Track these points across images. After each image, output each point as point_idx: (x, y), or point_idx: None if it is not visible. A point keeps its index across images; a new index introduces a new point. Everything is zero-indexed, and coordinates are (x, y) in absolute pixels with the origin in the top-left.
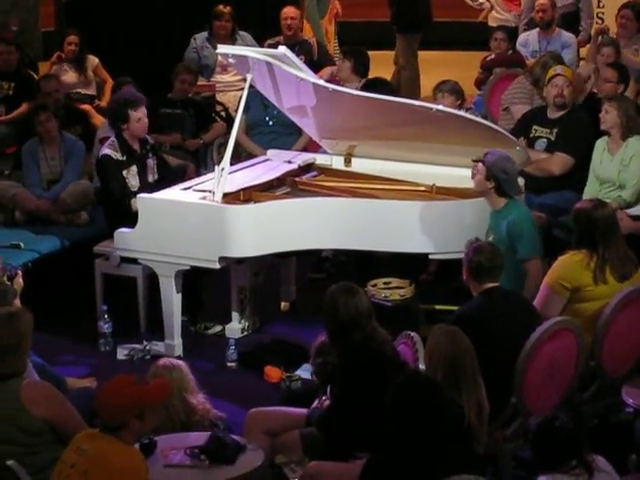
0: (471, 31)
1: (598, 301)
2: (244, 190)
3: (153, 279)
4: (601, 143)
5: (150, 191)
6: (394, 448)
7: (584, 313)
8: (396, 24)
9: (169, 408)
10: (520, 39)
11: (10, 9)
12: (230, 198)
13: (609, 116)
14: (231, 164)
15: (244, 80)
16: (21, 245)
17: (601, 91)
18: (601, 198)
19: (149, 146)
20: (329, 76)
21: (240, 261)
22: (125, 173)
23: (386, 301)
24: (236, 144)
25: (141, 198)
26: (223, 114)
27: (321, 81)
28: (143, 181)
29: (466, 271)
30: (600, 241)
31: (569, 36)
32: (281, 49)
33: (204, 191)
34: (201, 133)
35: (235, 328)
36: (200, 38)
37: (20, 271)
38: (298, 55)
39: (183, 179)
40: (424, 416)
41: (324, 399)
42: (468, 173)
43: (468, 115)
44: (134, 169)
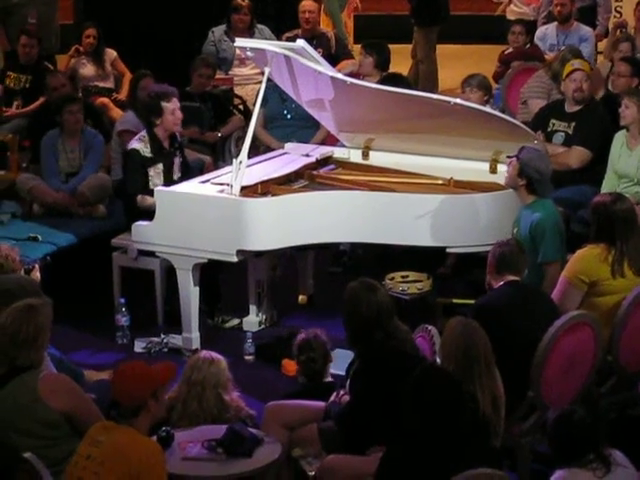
0: (489, 24)
1: (616, 295)
2: (262, 183)
3: (171, 272)
4: (620, 137)
5: None
6: (411, 442)
7: (602, 307)
8: (415, 17)
9: (202, 402)
10: (538, 33)
11: (28, 2)
12: (248, 191)
13: (629, 111)
14: (249, 157)
15: (262, 73)
16: (39, 238)
17: (616, 86)
18: None
19: (177, 144)
20: (349, 72)
21: (258, 254)
22: (150, 171)
23: (404, 294)
24: (254, 137)
25: (159, 191)
26: (241, 107)
27: (339, 74)
28: (168, 179)
29: (489, 265)
30: (618, 235)
31: (587, 30)
32: (299, 42)
33: (222, 184)
34: (219, 126)
35: (253, 321)
36: (218, 31)
37: (37, 265)
38: (316, 48)
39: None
40: (441, 411)
41: (342, 393)
42: (486, 167)
43: (486, 109)
44: (160, 167)
